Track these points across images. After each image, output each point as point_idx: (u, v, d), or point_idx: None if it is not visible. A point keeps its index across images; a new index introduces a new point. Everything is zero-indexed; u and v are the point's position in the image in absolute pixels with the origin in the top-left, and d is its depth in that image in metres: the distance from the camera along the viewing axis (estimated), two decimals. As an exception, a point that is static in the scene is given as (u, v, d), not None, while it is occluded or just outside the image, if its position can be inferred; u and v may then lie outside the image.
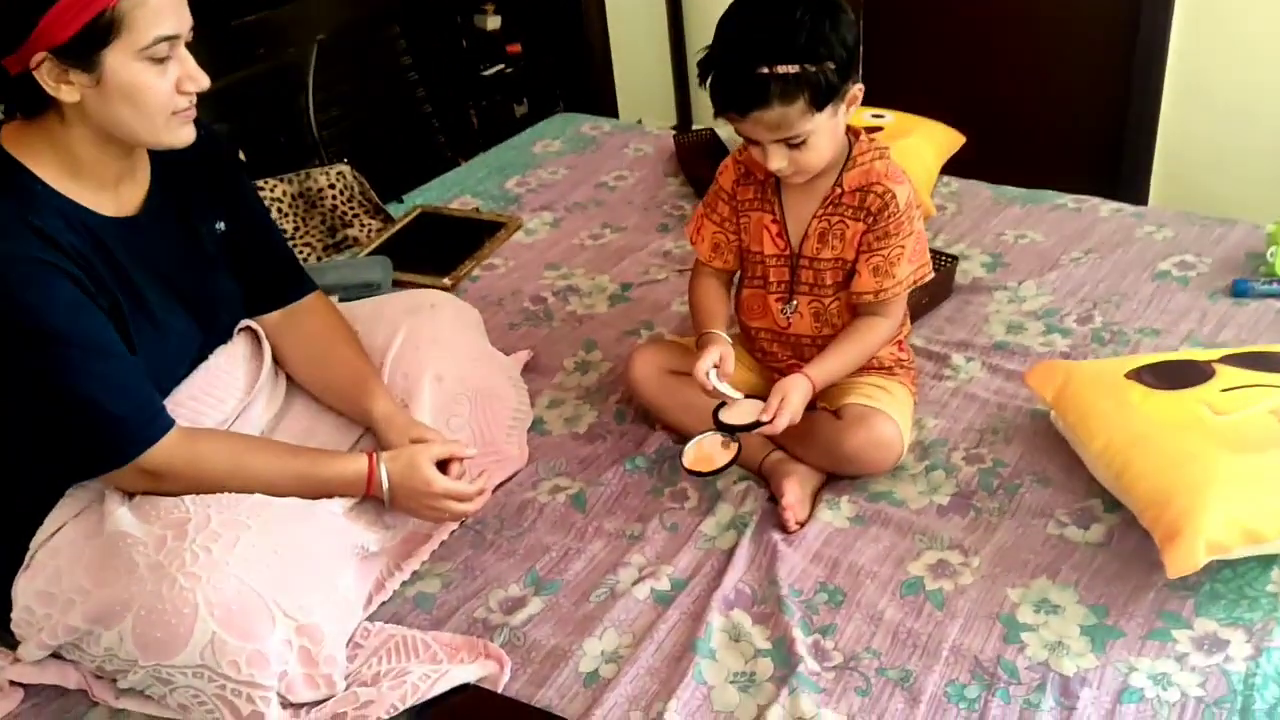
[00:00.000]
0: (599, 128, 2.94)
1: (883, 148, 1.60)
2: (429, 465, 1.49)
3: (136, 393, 1.38)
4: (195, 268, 1.54)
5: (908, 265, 1.59)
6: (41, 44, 1.25)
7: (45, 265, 1.30)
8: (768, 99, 1.42)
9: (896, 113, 2.52)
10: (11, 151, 1.35)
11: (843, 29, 1.44)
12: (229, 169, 1.62)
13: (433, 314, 1.75)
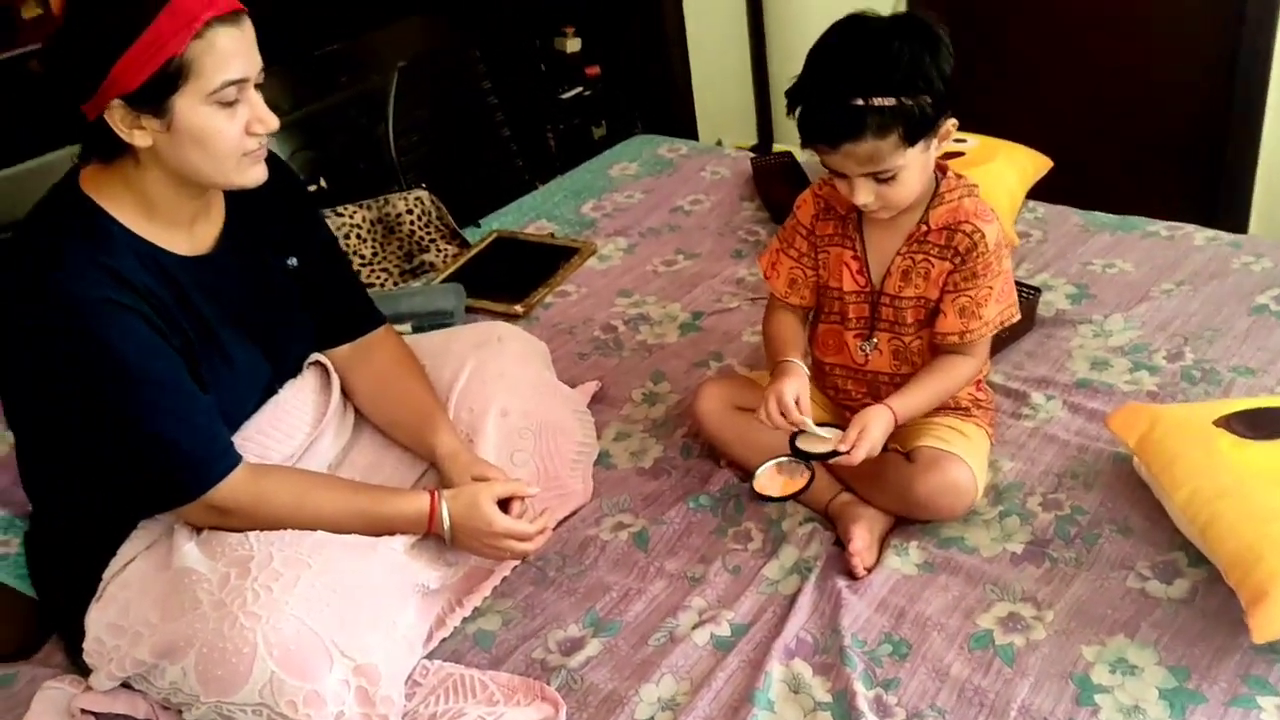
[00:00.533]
0: (676, 150, 2.93)
1: (972, 185, 1.56)
2: (490, 504, 1.49)
3: (205, 430, 1.40)
4: (266, 303, 1.56)
5: (995, 306, 1.54)
6: (114, 91, 1.28)
7: (118, 306, 1.33)
8: (862, 131, 1.38)
9: (980, 136, 2.45)
10: (90, 194, 1.38)
11: (941, 61, 1.40)
12: (301, 205, 1.65)
13: (499, 348, 1.75)
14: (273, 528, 1.42)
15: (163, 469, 1.38)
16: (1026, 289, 2.02)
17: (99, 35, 1.27)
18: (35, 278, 1.32)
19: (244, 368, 1.52)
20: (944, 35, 1.43)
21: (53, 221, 1.37)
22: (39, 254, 1.34)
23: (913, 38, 1.39)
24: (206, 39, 1.28)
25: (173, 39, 1.26)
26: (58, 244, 1.34)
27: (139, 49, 1.26)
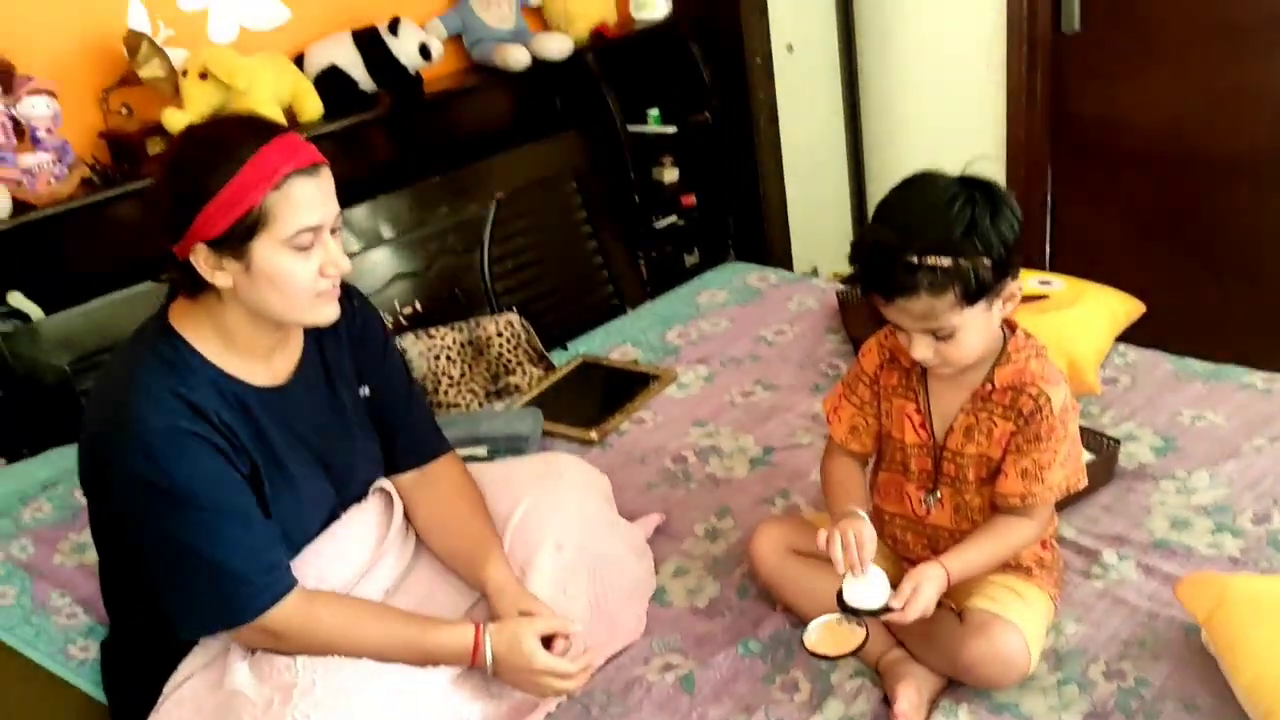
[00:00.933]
0: (765, 279, 2.96)
1: (1039, 346, 1.54)
2: (533, 640, 1.51)
3: (263, 555, 1.47)
4: (336, 432, 1.64)
5: (1059, 471, 1.51)
6: (199, 236, 1.39)
7: (190, 435, 1.42)
8: (916, 289, 1.38)
9: (1068, 278, 2.42)
10: (177, 326, 1.49)
11: (1003, 225, 1.40)
12: (377, 337, 1.73)
13: (559, 481, 1.79)
14: (323, 652, 1.47)
15: (218, 591, 1.44)
16: (1106, 439, 1.97)
17: (189, 186, 1.39)
18: (117, 405, 1.43)
19: (309, 493, 1.59)
20: (1009, 200, 1.44)
21: (140, 352, 1.48)
22: (124, 383, 1.45)
23: (975, 200, 1.39)
24: (284, 190, 1.38)
25: (253, 190, 1.37)
26: (141, 374, 1.44)
27: (222, 199, 1.37)
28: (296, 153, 1.40)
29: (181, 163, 1.41)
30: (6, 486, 1.96)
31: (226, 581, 1.44)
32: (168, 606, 1.47)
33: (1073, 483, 1.53)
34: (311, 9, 2.47)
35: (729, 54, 3.09)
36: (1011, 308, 1.47)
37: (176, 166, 1.42)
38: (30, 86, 1.96)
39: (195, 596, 1.46)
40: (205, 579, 1.44)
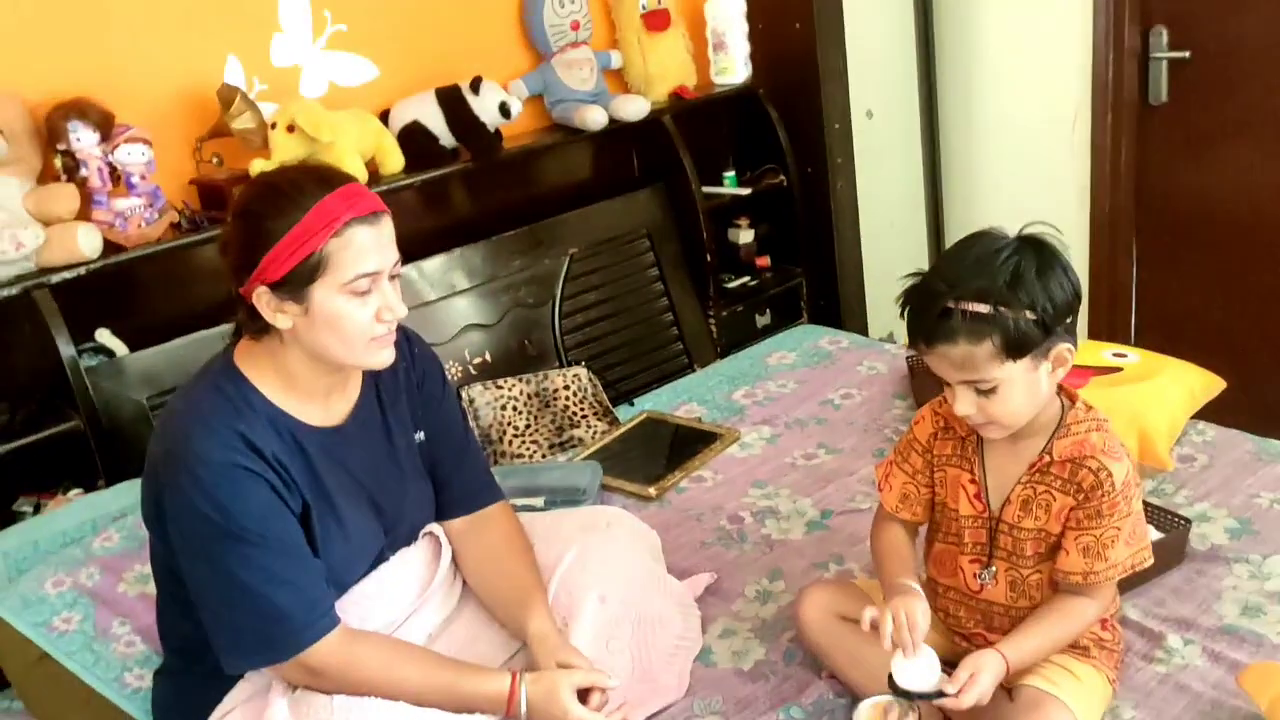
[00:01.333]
0: (836, 342, 2.95)
1: (1101, 419, 1.51)
2: (568, 692, 1.50)
3: (308, 593, 1.49)
4: (389, 475, 1.67)
5: (1124, 549, 1.47)
6: (262, 279, 1.44)
7: (245, 471, 1.46)
8: (954, 335, 1.38)
9: (1143, 352, 2.36)
10: (240, 365, 1.54)
11: (1051, 283, 1.38)
12: (435, 383, 1.76)
13: (607, 534, 1.79)
14: (360, 693, 1.48)
15: (262, 626, 1.47)
16: (1177, 519, 1.90)
17: (255, 230, 1.44)
18: (177, 438, 1.48)
19: (357, 534, 1.61)
20: (1061, 260, 1.42)
21: (203, 388, 1.53)
22: (185, 416, 1.50)
23: (1023, 254, 1.39)
24: (345, 237, 1.43)
25: (314, 237, 1.41)
26: (202, 409, 1.49)
27: (284, 245, 1.42)
28: (357, 201, 1.45)
29: (249, 208, 1.47)
30: (81, 516, 2.03)
31: (271, 617, 1.47)
32: (214, 638, 1.50)
33: (1137, 561, 1.49)
34: (399, 68, 2.56)
35: (807, 118, 3.11)
36: (1063, 373, 1.44)
37: (245, 212, 1.48)
38: (127, 135, 2.07)
39: (240, 630, 1.49)
40: (250, 613, 1.47)
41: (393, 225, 1.51)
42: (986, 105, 3.30)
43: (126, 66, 2.19)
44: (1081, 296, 1.43)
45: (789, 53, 3.08)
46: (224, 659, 1.51)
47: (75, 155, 2.05)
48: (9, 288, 1.99)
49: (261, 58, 2.37)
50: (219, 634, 1.50)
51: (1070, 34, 3.03)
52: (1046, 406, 1.49)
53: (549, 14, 2.69)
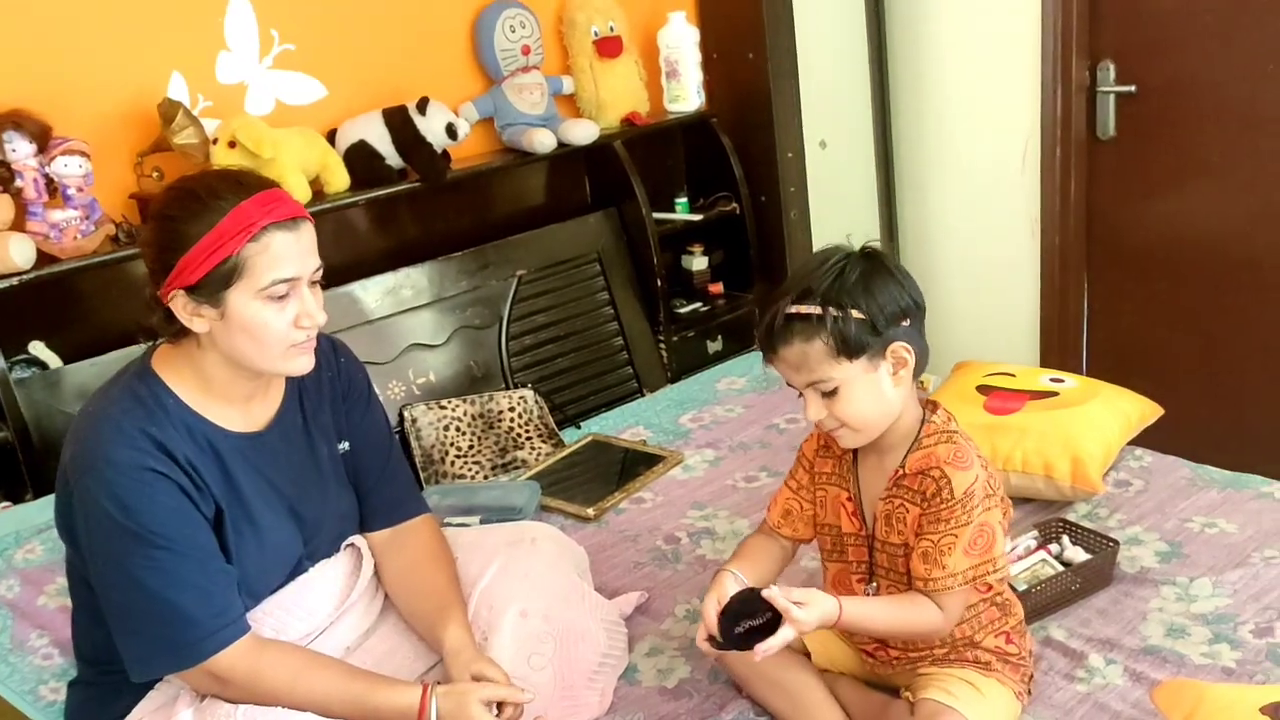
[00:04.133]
0: (787, 369, 2.95)
1: (951, 431, 1.52)
2: (478, 706, 1.48)
3: (215, 598, 1.47)
4: (310, 484, 1.65)
5: (963, 558, 1.46)
6: (178, 283, 1.44)
7: (155, 474, 1.44)
8: (789, 336, 1.44)
9: (1081, 378, 2.38)
10: (158, 370, 1.53)
11: (875, 286, 1.43)
12: (360, 393, 1.75)
13: (532, 548, 1.77)
14: (267, 702, 1.46)
15: (168, 632, 1.45)
16: (1106, 540, 1.90)
17: (171, 233, 1.44)
18: (87, 441, 1.47)
19: (275, 543, 1.60)
20: (889, 265, 1.47)
21: (115, 391, 1.52)
22: (95, 419, 1.49)
23: (852, 263, 1.45)
24: (261, 242, 1.43)
25: (230, 241, 1.41)
26: (113, 412, 1.48)
27: (201, 248, 1.41)
28: (276, 207, 1.44)
29: (165, 212, 1.47)
30: (5, 528, 2.01)
31: (176, 623, 1.44)
32: (121, 645, 1.48)
33: (981, 574, 1.47)
34: (348, 88, 2.58)
35: (761, 147, 3.14)
36: (904, 376, 1.47)
37: (161, 215, 1.48)
38: (64, 147, 2.07)
39: (145, 636, 1.46)
40: (155, 619, 1.45)
41: (314, 232, 1.51)
42: (939, 137, 3.34)
43: (69, 79, 2.19)
44: (921, 304, 1.49)
45: (742, 82, 3.12)
46: (130, 667, 1.48)
47: (11, 166, 2.05)
48: (-62, 297, 1.98)
49: (207, 75, 2.38)
50: (125, 640, 1.47)
51: (1020, 68, 3.07)
52: (904, 417, 1.51)
53: (500, 38, 2.72)
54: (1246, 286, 2.88)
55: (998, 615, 1.56)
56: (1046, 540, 1.94)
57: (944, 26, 3.22)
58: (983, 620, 1.55)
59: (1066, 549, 1.91)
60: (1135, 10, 2.90)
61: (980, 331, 3.41)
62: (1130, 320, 3.14)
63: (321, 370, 1.66)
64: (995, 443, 2.14)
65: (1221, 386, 2.96)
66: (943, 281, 3.48)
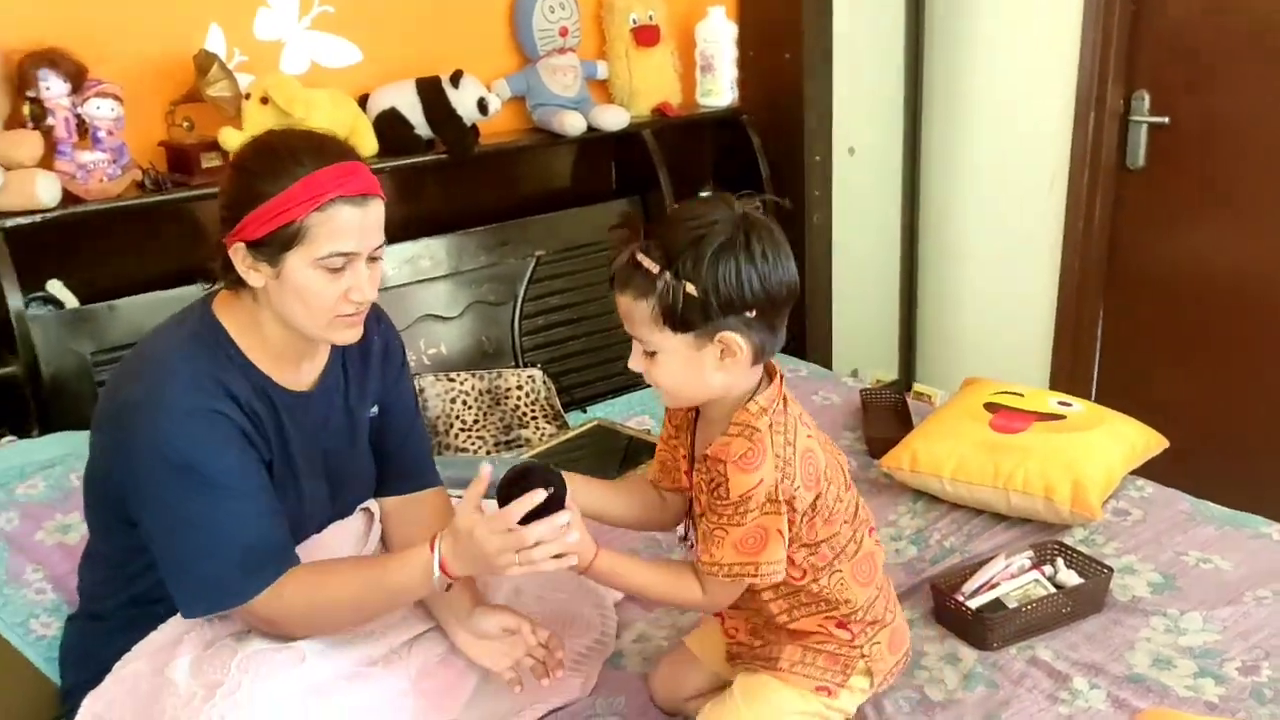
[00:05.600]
0: (796, 370, 2.96)
1: (755, 427, 1.40)
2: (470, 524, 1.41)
3: (272, 537, 1.48)
4: (345, 445, 1.67)
5: (730, 552, 1.42)
6: (241, 235, 1.45)
7: (221, 416, 1.46)
8: (625, 285, 1.36)
9: (1089, 404, 2.37)
10: (218, 315, 1.55)
11: (724, 267, 1.31)
12: (396, 362, 1.77)
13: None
14: (311, 629, 1.49)
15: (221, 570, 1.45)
16: (1099, 566, 1.90)
17: (243, 188, 1.46)
18: (151, 381, 1.48)
19: (310, 501, 1.62)
20: (763, 251, 1.33)
21: (180, 333, 1.54)
22: (160, 361, 1.50)
23: (722, 232, 1.31)
24: (327, 213, 1.44)
25: (296, 207, 1.42)
26: (179, 353, 1.50)
27: (267, 208, 1.43)
28: (348, 180, 1.45)
29: (245, 164, 1.49)
30: (8, 461, 2.02)
31: (233, 562, 1.45)
32: (172, 583, 1.48)
33: (744, 573, 1.42)
34: (383, 55, 2.58)
35: (789, 149, 3.13)
36: (731, 365, 1.37)
37: (240, 167, 1.50)
38: (98, 89, 2.07)
39: (199, 575, 1.46)
40: (212, 558, 1.45)
41: (382, 210, 1.52)
42: (968, 154, 3.34)
43: (107, 22, 2.20)
44: (778, 297, 1.35)
45: (776, 82, 3.11)
46: (181, 605, 1.49)
47: (44, 104, 2.05)
48: (-38, 228, 1.99)
49: (245, 29, 2.38)
50: (178, 579, 1.47)
51: (1054, 91, 3.07)
52: (732, 397, 1.43)
53: (539, 18, 2.72)
54: (1264, 326, 2.87)
55: (822, 604, 1.52)
56: (1041, 561, 1.94)
57: (982, 44, 3.21)
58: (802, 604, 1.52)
59: (1060, 571, 1.91)
60: (1174, 42, 2.89)
61: (991, 349, 3.41)
62: (1143, 350, 3.13)
63: (368, 335, 1.68)
64: (998, 461, 2.14)
65: (1228, 424, 2.96)
66: (958, 297, 3.48)
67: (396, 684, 1.57)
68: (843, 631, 1.54)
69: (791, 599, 1.52)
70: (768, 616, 1.55)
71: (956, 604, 1.82)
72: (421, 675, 1.61)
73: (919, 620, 1.87)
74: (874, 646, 1.56)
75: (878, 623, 1.57)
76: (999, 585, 1.87)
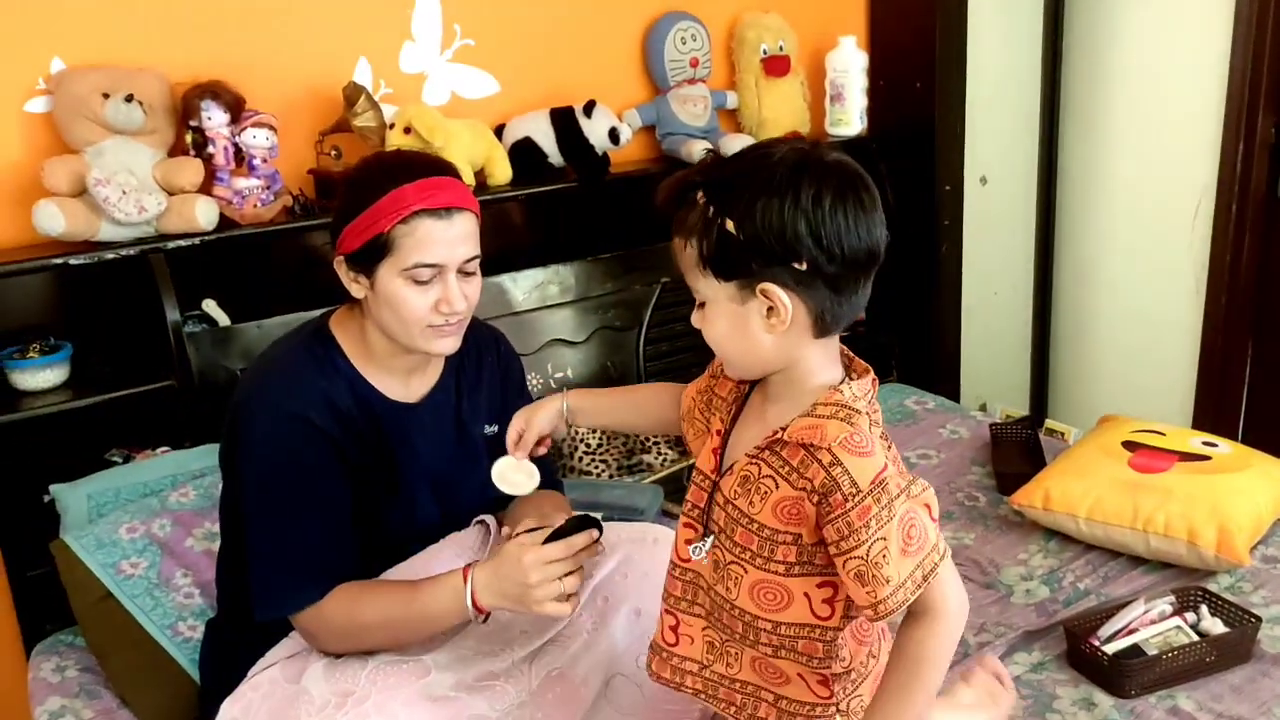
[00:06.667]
0: (923, 403, 2.91)
1: (855, 409, 1.19)
2: (514, 548, 1.45)
3: (325, 554, 1.54)
4: (454, 459, 1.72)
5: (904, 561, 1.16)
6: (341, 249, 1.54)
7: (311, 425, 1.54)
8: (677, 220, 1.21)
9: (1237, 445, 2.27)
10: (332, 329, 1.64)
11: (764, 206, 1.13)
12: (515, 383, 1.83)
13: (653, 549, 1.78)
14: (343, 647, 1.54)
15: (282, 579, 1.54)
16: (1247, 615, 1.82)
17: (343, 202, 1.56)
18: (259, 385, 1.58)
19: (415, 510, 1.67)
20: (817, 198, 1.12)
21: (294, 343, 1.63)
22: (271, 366, 1.60)
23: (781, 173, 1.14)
24: (410, 225, 1.51)
25: (383, 219, 1.50)
26: (289, 362, 1.59)
27: (360, 221, 1.52)
28: (434, 194, 1.52)
29: (348, 180, 1.60)
30: (163, 470, 2.13)
31: (282, 572, 1.53)
32: (250, 585, 1.57)
33: (928, 568, 1.18)
34: (520, 86, 2.65)
35: (919, 178, 3.10)
36: (781, 328, 1.18)
37: (345, 182, 1.60)
38: (254, 119, 2.19)
39: (265, 576, 1.55)
40: (268, 566, 1.54)
41: (474, 224, 1.57)
42: (1107, 183, 3.24)
43: (264, 56, 2.32)
44: (833, 251, 1.13)
45: (907, 111, 3.09)
46: (254, 606, 1.57)
47: (205, 133, 2.17)
48: (128, 248, 2.11)
49: (391, 63, 2.48)
50: (252, 577, 1.56)
51: (1201, 118, 2.97)
52: (797, 371, 1.23)
53: (670, 49, 2.76)
54: None
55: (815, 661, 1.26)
56: (1184, 607, 1.86)
57: (1123, 69, 3.13)
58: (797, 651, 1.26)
59: (1204, 619, 1.83)
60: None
61: (1130, 386, 3.29)
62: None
63: (483, 354, 1.76)
64: (1138, 501, 2.07)
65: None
66: (1095, 330, 3.38)
67: (516, 695, 1.60)
68: (822, 688, 1.28)
69: (791, 640, 1.26)
70: (743, 634, 1.28)
71: (1092, 648, 1.76)
72: (542, 687, 1.63)
73: (1051, 663, 1.82)
74: (854, 700, 1.29)
75: (860, 672, 1.30)
76: (1137, 631, 1.80)
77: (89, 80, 2.06)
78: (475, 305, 1.62)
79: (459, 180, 1.58)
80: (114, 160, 2.08)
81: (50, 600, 2.02)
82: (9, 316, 2.16)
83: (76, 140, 2.08)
